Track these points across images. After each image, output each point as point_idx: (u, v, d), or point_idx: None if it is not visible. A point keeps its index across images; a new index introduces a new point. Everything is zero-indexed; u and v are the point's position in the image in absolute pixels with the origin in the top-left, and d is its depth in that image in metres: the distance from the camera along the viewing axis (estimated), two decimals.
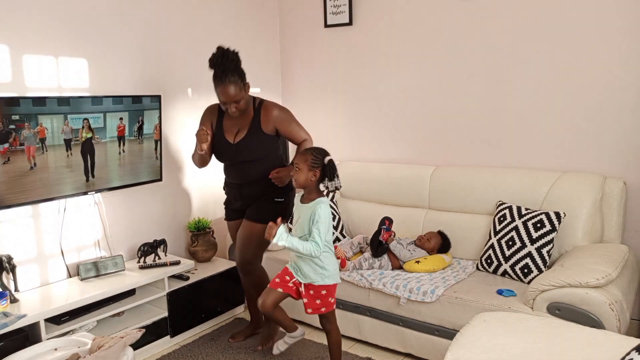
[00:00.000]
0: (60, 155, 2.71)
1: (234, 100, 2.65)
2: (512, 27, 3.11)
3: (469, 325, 2.04)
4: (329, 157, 2.42)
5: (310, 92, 4.08)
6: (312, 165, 2.40)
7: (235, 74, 2.63)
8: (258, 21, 3.98)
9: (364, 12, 3.70)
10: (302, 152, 2.48)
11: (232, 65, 2.63)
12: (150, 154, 3.13)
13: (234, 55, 2.66)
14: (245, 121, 2.80)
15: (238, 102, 2.67)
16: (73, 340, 2.25)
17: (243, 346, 3.00)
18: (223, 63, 2.62)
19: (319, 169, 2.41)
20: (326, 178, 2.40)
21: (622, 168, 2.88)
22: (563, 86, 3.00)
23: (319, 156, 2.41)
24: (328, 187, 2.41)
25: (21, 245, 2.71)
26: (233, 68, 2.63)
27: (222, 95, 2.65)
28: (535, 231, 2.71)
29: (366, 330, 2.92)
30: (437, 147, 3.51)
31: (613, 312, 2.19)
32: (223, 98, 2.65)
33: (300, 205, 2.50)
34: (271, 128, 2.79)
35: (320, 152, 2.44)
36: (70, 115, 2.72)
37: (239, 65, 2.68)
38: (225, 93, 2.63)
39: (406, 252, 2.97)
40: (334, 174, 2.39)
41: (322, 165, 2.41)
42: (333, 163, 2.41)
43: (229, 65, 2.62)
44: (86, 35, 2.90)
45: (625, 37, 2.79)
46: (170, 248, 3.34)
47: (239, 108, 2.70)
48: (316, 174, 2.41)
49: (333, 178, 2.39)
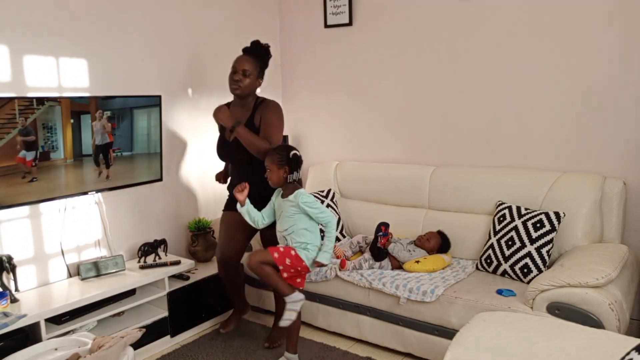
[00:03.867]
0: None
1: (243, 69, 2.78)
2: (512, 27, 3.12)
3: (468, 325, 2.04)
4: (293, 151, 2.55)
5: (310, 92, 4.09)
6: (280, 163, 2.54)
7: (257, 57, 2.82)
8: (258, 21, 3.98)
9: (364, 12, 3.70)
10: (269, 154, 2.60)
11: (262, 51, 2.84)
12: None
13: (267, 47, 2.87)
14: (242, 118, 2.84)
15: (245, 75, 2.78)
16: (73, 340, 2.25)
17: (243, 346, 3.00)
18: (256, 44, 2.84)
19: (287, 164, 2.53)
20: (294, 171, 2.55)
21: (622, 168, 2.89)
22: (563, 86, 3.00)
23: (284, 153, 2.55)
24: (293, 179, 2.56)
25: (21, 245, 2.71)
26: (260, 54, 2.83)
27: (237, 61, 2.81)
28: (535, 231, 2.71)
29: (366, 330, 2.93)
30: (437, 147, 3.51)
31: (613, 312, 2.20)
32: (236, 64, 2.81)
33: (281, 201, 2.62)
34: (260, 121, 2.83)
35: (285, 148, 2.58)
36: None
37: (265, 57, 2.85)
38: (241, 60, 2.81)
39: (406, 252, 2.98)
40: (297, 166, 2.55)
41: (288, 159, 2.53)
42: (296, 156, 2.56)
43: (259, 49, 2.83)
44: (86, 35, 2.90)
45: (625, 37, 2.79)
46: (171, 248, 3.34)
47: (242, 83, 2.79)
48: (286, 170, 2.54)
49: (296, 170, 2.55)
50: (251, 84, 2.81)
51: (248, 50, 2.85)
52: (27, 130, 2.45)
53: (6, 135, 2.35)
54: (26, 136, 2.43)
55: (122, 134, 2.94)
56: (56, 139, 2.53)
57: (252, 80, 2.81)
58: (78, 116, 2.60)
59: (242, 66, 2.79)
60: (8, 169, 2.40)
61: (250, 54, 2.83)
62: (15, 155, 2.42)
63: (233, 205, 3.00)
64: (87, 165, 2.71)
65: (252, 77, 2.80)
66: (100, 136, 2.80)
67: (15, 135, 2.39)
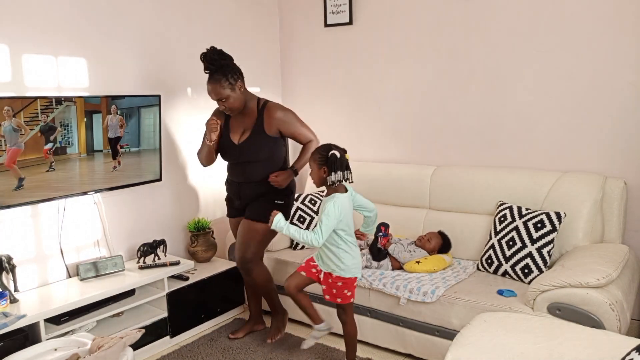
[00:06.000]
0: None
1: (218, 98, 2.71)
2: (512, 27, 3.11)
3: (469, 325, 2.04)
4: (332, 151, 2.45)
5: (310, 92, 4.08)
6: (320, 164, 2.47)
7: (219, 72, 2.69)
8: (258, 21, 3.98)
9: (364, 12, 3.70)
10: (312, 153, 2.54)
11: (216, 64, 2.68)
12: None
13: (218, 54, 2.70)
14: (249, 122, 2.83)
15: (225, 100, 2.72)
16: (73, 340, 2.25)
17: (243, 346, 3.00)
18: (210, 58, 2.69)
19: (325, 164, 2.45)
20: (333, 172, 2.43)
21: (622, 168, 2.88)
22: (563, 86, 2.99)
23: (324, 153, 2.47)
24: (333, 181, 2.44)
25: (21, 245, 2.71)
26: (219, 64, 2.69)
27: (210, 94, 2.74)
28: (535, 231, 2.71)
29: (366, 331, 2.92)
30: (437, 147, 3.50)
31: (613, 312, 2.19)
32: (211, 96, 2.74)
33: (323, 199, 2.58)
34: (274, 130, 2.81)
35: (325, 148, 2.49)
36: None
37: (224, 64, 2.70)
38: (210, 92, 2.73)
39: (406, 253, 2.97)
40: (335, 166, 2.43)
41: (327, 159, 2.45)
42: (335, 156, 2.44)
43: (215, 59, 2.68)
44: (86, 34, 2.90)
45: (625, 37, 2.79)
46: (170, 248, 3.34)
47: (228, 106, 2.75)
48: (325, 170, 2.46)
49: (333, 171, 2.43)
50: (238, 98, 2.75)
51: (212, 71, 2.69)
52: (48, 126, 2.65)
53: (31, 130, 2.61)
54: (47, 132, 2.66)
55: (130, 131, 3.03)
56: (72, 135, 2.76)
57: (235, 95, 2.73)
58: (90, 115, 2.84)
59: (215, 97, 2.71)
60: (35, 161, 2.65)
61: (213, 77, 2.68)
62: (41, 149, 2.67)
63: (235, 213, 3.03)
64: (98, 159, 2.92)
65: (232, 94, 2.71)
66: (114, 130, 2.95)
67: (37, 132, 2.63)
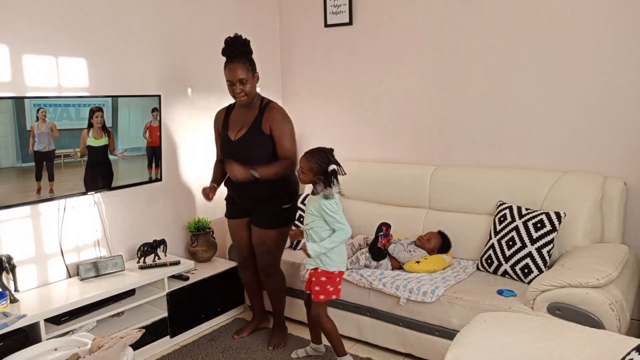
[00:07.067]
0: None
1: (240, 79, 2.71)
2: (512, 27, 3.11)
3: (469, 325, 2.04)
4: (332, 167, 2.49)
5: (310, 91, 4.08)
6: (317, 173, 2.51)
7: (244, 57, 2.74)
8: (258, 21, 3.98)
9: (364, 12, 3.70)
10: (309, 158, 2.54)
11: (243, 48, 2.74)
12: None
13: (245, 40, 2.77)
14: (248, 119, 2.83)
15: (244, 84, 2.73)
16: (73, 340, 2.24)
17: (243, 346, 3.00)
18: (233, 45, 2.72)
19: (322, 175, 2.50)
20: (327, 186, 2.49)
21: (622, 168, 2.88)
22: (563, 86, 3.00)
23: (324, 165, 2.50)
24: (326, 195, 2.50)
25: (21, 245, 2.71)
26: (243, 51, 2.74)
27: (229, 74, 2.73)
28: (535, 231, 2.71)
29: (366, 331, 2.92)
30: (437, 147, 3.50)
31: (613, 312, 2.19)
32: (230, 76, 2.73)
33: (311, 196, 2.62)
34: (269, 129, 2.80)
35: (325, 160, 2.50)
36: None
37: (249, 51, 2.78)
38: (233, 70, 2.71)
39: (406, 253, 2.97)
40: (332, 181, 2.49)
41: (325, 173, 2.50)
42: (335, 172, 2.50)
43: (239, 47, 2.72)
44: (86, 34, 2.90)
45: (625, 37, 2.79)
46: (170, 248, 3.34)
47: (245, 91, 2.74)
48: (320, 178, 2.51)
49: (329, 185, 2.49)
50: (254, 87, 2.79)
51: (233, 55, 2.73)
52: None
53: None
54: None
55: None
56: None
57: (252, 82, 2.77)
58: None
59: (237, 76, 2.71)
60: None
61: (237, 59, 2.72)
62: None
63: (235, 213, 3.02)
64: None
65: (250, 80, 2.75)
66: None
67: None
